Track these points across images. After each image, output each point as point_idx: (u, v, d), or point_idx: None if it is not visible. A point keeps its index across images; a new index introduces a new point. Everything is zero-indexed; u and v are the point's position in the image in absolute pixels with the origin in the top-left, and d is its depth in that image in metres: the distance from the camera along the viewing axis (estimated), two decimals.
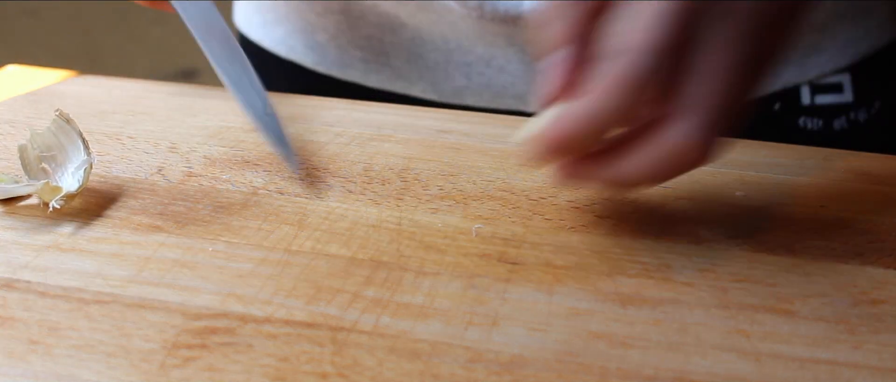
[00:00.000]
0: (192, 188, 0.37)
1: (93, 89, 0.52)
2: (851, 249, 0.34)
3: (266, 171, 0.39)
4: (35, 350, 0.26)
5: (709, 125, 0.27)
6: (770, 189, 0.39)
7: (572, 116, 0.28)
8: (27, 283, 0.29)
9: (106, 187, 0.37)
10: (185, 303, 0.28)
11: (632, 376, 0.26)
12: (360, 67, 0.58)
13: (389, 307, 0.28)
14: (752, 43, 0.27)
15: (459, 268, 0.31)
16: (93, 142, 0.42)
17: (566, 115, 0.28)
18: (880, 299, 0.30)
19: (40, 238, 0.32)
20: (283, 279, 0.30)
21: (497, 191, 0.38)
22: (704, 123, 0.27)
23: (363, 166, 0.41)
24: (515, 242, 0.33)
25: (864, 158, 0.44)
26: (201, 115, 0.47)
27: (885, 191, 0.40)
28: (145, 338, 0.26)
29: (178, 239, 0.32)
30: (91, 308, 0.28)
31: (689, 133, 0.27)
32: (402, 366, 0.26)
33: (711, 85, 0.27)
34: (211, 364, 0.25)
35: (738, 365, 0.26)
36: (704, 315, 0.29)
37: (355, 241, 0.33)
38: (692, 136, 0.27)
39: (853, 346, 0.27)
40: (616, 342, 0.27)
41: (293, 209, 0.35)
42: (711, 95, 0.27)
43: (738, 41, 0.27)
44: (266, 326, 0.27)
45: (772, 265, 0.32)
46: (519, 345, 0.27)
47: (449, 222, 0.35)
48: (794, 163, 0.43)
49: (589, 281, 0.31)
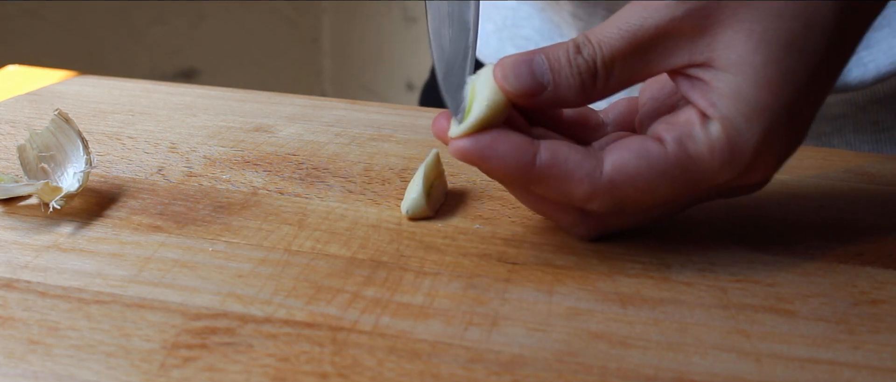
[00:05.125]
0: (192, 188, 0.37)
1: (93, 89, 0.52)
2: (851, 249, 0.34)
3: (266, 171, 0.39)
4: (35, 350, 0.26)
5: (599, 231, 0.32)
6: (770, 189, 0.39)
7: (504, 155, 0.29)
8: (27, 283, 0.29)
9: (106, 187, 0.37)
10: (185, 303, 0.28)
11: (632, 376, 0.26)
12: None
13: (389, 307, 0.28)
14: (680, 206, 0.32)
15: (459, 268, 0.31)
16: (93, 142, 0.42)
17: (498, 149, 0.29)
18: (880, 299, 0.30)
19: (40, 238, 0.32)
20: (283, 279, 0.30)
21: (497, 191, 0.38)
22: (597, 230, 0.32)
23: (363, 166, 0.41)
24: (515, 242, 0.33)
25: (864, 158, 0.44)
26: (201, 115, 0.47)
27: (885, 191, 0.40)
28: (145, 338, 0.26)
29: (178, 239, 0.32)
30: (91, 308, 0.28)
31: (581, 233, 0.33)
32: (402, 366, 0.26)
33: (623, 225, 0.33)
34: (211, 364, 0.25)
35: (737, 365, 0.26)
36: (704, 315, 0.29)
37: (355, 241, 0.33)
38: (582, 233, 0.33)
39: (853, 346, 0.27)
40: (616, 342, 0.27)
41: (293, 209, 0.35)
42: (618, 229, 0.33)
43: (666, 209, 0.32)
44: (266, 326, 0.27)
45: (772, 265, 0.32)
46: (519, 345, 0.27)
47: (449, 222, 0.35)
48: (794, 163, 0.43)
49: (589, 281, 0.31)
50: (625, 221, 0.32)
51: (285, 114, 0.48)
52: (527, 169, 0.28)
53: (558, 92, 0.29)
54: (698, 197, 0.31)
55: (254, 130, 0.45)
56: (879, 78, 0.45)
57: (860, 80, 0.45)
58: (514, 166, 0.28)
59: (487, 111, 0.29)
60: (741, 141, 0.28)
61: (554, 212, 0.32)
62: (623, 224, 0.32)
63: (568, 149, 0.29)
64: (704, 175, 0.29)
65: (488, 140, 0.29)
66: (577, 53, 0.29)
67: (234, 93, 0.52)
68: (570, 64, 0.29)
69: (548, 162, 0.28)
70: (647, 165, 0.28)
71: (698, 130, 0.28)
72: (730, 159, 0.28)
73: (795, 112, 0.28)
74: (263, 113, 0.48)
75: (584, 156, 0.29)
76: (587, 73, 0.29)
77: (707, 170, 0.29)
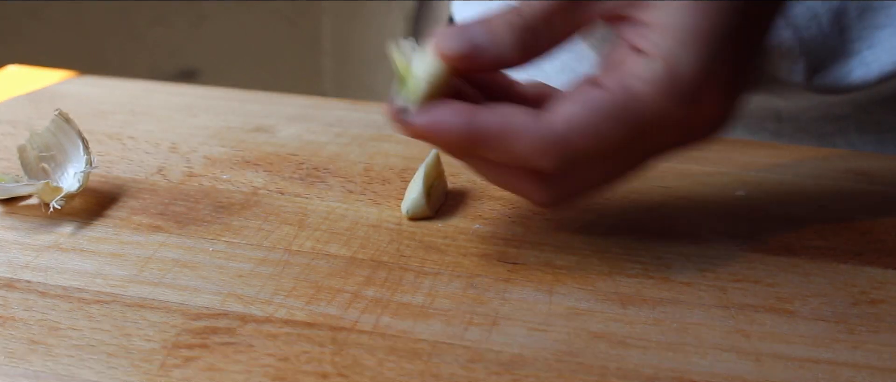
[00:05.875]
0: (192, 188, 0.37)
1: (93, 89, 0.52)
2: (851, 249, 0.34)
3: (266, 171, 0.39)
4: (35, 349, 0.26)
5: (561, 195, 0.31)
6: (770, 189, 0.39)
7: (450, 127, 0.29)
8: (28, 283, 0.29)
9: (106, 187, 0.37)
10: (186, 303, 0.28)
11: (631, 376, 0.26)
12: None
13: (389, 307, 0.28)
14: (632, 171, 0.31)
15: (459, 268, 0.31)
16: (93, 142, 0.42)
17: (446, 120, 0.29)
18: (880, 299, 0.30)
19: (41, 238, 0.32)
20: (284, 279, 0.30)
21: (497, 191, 0.38)
22: (559, 195, 0.31)
23: (363, 166, 0.41)
24: (515, 242, 0.33)
25: (864, 158, 0.44)
26: (201, 115, 0.47)
27: (885, 191, 0.40)
28: (146, 338, 0.26)
29: (178, 239, 0.32)
30: (91, 308, 0.28)
31: (543, 200, 0.31)
32: (403, 366, 0.26)
33: (583, 188, 0.31)
34: (211, 364, 0.25)
35: (737, 365, 0.26)
36: (704, 315, 0.29)
37: (355, 241, 0.33)
38: (544, 200, 0.31)
39: (853, 346, 0.27)
40: (616, 341, 0.27)
41: (293, 209, 0.35)
42: (580, 193, 0.31)
43: (620, 173, 0.31)
44: (266, 326, 0.27)
45: (772, 265, 0.32)
46: (519, 345, 0.27)
47: (449, 222, 0.35)
48: (794, 163, 0.43)
49: (589, 281, 0.31)
50: (584, 181, 0.31)
51: (285, 114, 0.48)
52: (473, 132, 0.28)
53: (498, 50, 0.29)
54: (656, 146, 0.30)
55: (254, 131, 0.45)
56: (883, 78, 0.45)
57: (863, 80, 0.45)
58: (460, 131, 0.28)
59: (428, 85, 0.29)
60: (681, 70, 0.27)
61: (512, 179, 0.31)
62: (583, 185, 0.31)
63: (513, 109, 0.29)
64: (651, 113, 0.28)
65: (433, 114, 0.28)
66: (515, 10, 0.29)
67: (235, 93, 0.52)
68: (507, 23, 0.29)
69: (493, 122, 0.28)
70: (592, 111, 0.28)
71: (638, 68, 0.28)
72: (672, 90, 0.28)
73: (733, 35, 0.28)
74: (264, 113, 0.48)
75: (530, 114, 0.28)
76: (525, 28, 0.29)
77: (652, 106, 0.28)
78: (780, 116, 0.51)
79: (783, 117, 0.51)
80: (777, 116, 0.51)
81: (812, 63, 0.45)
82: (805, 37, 0.44)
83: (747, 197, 0.38)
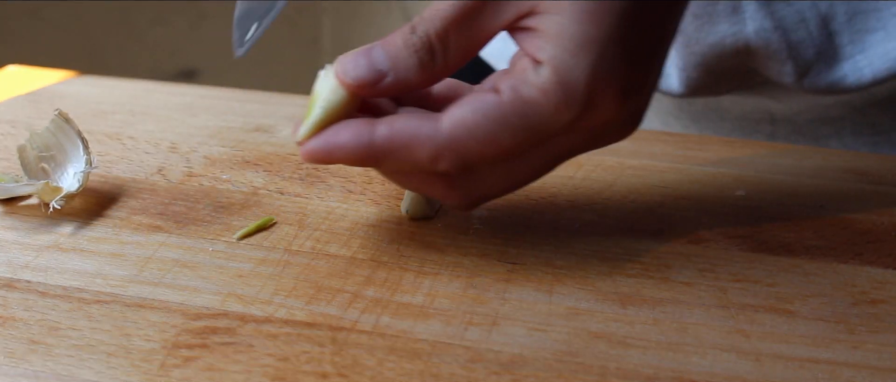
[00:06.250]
0: (192, 188, 0.37)
1: (93, 89, 0.52)
2: (851, 249, 0.34)
3: (266, 171, 0.39)
4: (35, 349, 0.26)
5: (471, 197, 0.31)
6: (770, 189, 0.39)
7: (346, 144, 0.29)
8: (28, 283, 0.29)
9: (106, 187, 0.37)
10: (186, 303, 0.28)
11: (631, 376, 0.26)
12: None
13: (389, 307, 0.28)
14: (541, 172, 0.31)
15: (459, 268, 0.31)
16: (93, 142, 0.42)
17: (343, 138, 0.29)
18: (880, 299, 0.30)
19: (41, 238, 0.32)
20: (283, 279, 0.30)
21: None
22: (468, 197, 0.31)
23: None
24: (515, 242, 0.33)
25: (863, 158, 0.44)
26: (201, 115, 0.47)
27: (885, 191, 0.40)
28: (146, 338, 0.26)
29: (178, 239, 0.32)
30: (91, 308, 0.28)
31: (455, 201, 0.31)
32: (402, 366, 0.26)
33: (491, 188, 0.31)
34: (211, 364, 0.25)
35: (737, 365, 0.26)
36: (704, 315, 0.29)
37: (355, 241, 0.33)
38: (456, 201, 0.31)
39: (853, 346, 0.27)
40: (616, 342, 0.27)
41: (293, 209, 0.35)
42: (489, 193, 0.31)
43: (533, 173, 0.31)
44: (266, 326, 0.27)
45: (772, 265, 0.32)
46: (519, 345, 0.27)
47: (449, 223, 0.35)
48: (794, 163, 0.43)
49: (589, 281, 0.31)
50: (489, 182, 0.31)
51: (285, 114, 0.48)
52: (369, 148, 0.29)
53: (399, 76, 0.29)
54: (557, 147, 0.30)
55: (254, 130, 0.45)
56: (876, 81, 0.45)
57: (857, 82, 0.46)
58: (356, 150, 0.29)
59: (324, 113, 0.29)
60: (571, 78, 0.28)
61: (422, 184, 0.31)
62: (490, 186, 0.31)
63: (407, 118, 0.29)
64: (542, 118, 0.29)
65: (327, 136, 0.29)
66: (412, 32, 0.29)
67: (235, 93, 0.52)
68: (406, 45, 0.29)
69: (387, 135, 0.28)
70: (484, 115, 0.28)
71: (530, 75, 0.28)
72: (563, 98, 0.28)
73: (625, 40, 0.28)
74: (263, 113, 0.48)
75: (423, 120, 0.29)
76: (424, 50, 0.29)
77: (543, 112, 0.28)
78: (774, 119, 0.51)
79: (777, 120, 0.51)
80: (772, 119, 0.51)
81: (801, 65, 0.45)
82: (792, 39, 0.44)
83: (747, 197, 0.38)
